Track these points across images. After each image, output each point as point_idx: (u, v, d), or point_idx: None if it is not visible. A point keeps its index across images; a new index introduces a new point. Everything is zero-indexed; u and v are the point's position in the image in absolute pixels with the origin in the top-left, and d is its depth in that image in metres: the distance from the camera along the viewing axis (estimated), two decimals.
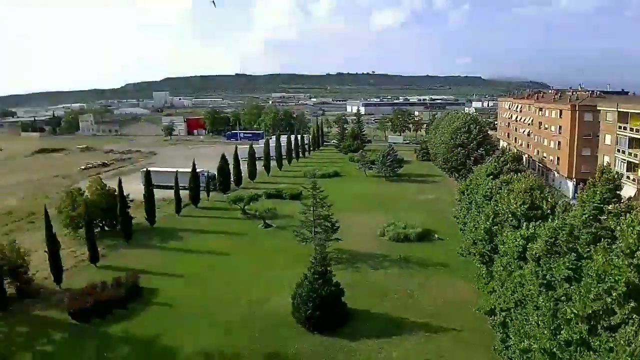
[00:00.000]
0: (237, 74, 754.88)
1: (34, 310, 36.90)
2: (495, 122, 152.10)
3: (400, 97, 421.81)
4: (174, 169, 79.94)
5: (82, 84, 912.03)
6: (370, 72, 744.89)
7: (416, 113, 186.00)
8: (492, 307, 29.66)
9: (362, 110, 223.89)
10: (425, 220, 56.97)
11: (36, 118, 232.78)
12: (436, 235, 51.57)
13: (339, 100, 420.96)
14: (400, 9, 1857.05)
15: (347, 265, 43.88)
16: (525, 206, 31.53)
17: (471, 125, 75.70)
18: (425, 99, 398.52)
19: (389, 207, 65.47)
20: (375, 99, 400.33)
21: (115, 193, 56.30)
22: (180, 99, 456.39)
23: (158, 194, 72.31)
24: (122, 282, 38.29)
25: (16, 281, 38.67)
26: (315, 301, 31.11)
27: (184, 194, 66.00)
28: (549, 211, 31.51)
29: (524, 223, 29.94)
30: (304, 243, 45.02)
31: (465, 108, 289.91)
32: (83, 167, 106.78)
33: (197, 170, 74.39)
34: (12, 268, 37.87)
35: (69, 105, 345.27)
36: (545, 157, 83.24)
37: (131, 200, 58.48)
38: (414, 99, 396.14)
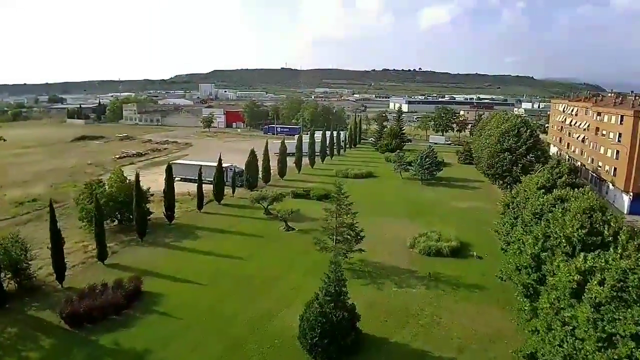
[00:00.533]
0: (282, 68, 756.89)
1: (30, 309, 34.85)
2: (546, 125, 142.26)
3: (446, 96, 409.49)
4: (200, 163, 78.34)
5: (134, 74, 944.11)
6: (417, 69, 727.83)
7: (461, 112, 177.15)
8: (533, 351, 24.49)
9: (405, 107, 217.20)
10: (462, 232, 51.44)
11: (83, 105, 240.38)
12: (474, 253, 45.90)
13: (382, 97, 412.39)
14: (451, 5, 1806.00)
15: (368, 280, 39.42)
16: (584, 231, 26.14)
17: (521, 128, 68.84)
18: (473, 98, 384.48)
19: (423, 215, 60.28)
20: (419, 97, 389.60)
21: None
22: (225, 91, 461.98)
23: (184, 187, 71.03)
24: (122, 285, 35.64)
25: (17, 277, 36.87)
26: (325, 327, 26.97)
27: (209, 189, 63.65)
28: (610, 238, 26.00)
29: (580, 252, 24.65)
30: (323, 252, 40.87)
31: (515, 109, 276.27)
32: (118, 156, 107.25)
33: (224, 165, 71.92)
34: (13, 263, 36.03)
35: (119, 94, 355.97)
36: (600, 167, 75.14)
37: (151, 195, 56.61)
38: (460, 97, 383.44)
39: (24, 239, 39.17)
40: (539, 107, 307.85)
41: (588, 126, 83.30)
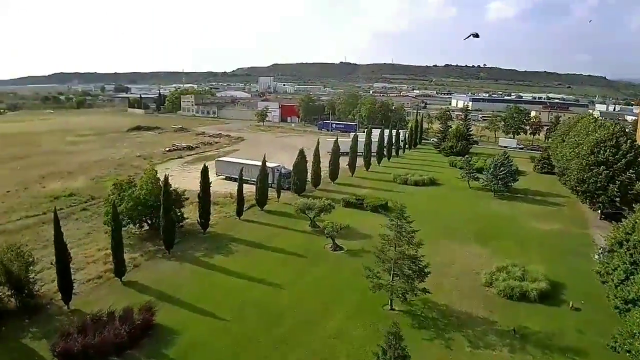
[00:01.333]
0: (341, 62, 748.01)
1: (26, 336, 29.56)
2: (632, 132, 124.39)
3: (512, 94, 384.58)
4: (246, 161, 72.42)
5: (199, 67, 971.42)
6: (481, 65, 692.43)
7: (532, 113, 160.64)
8: None
9: (469, 105, 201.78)
10: (550, 266, 41.34)
11: (146, 95, 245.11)
12: (570, 303, 35.70)
13: (444, 94, 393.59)
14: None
15: (434, 333, 30.80)
16: None
17: (620, 138, 56.64)
18: (541, 97, 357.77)
19: (497, 238, 50.33)
20: (483, 94, 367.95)
21: (171, 188, 49.27)
22: (284, 84, 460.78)
23: (228, 187, 65.45)
24: (131, 316, 29.52)
25: (18, 294, 31.86)
26: None
27: (255, 190, 57.34)
28: None
29: None
30: (376, 291, 32.72)
31: (589, 110, 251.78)
32: (168, 149, 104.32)
33: (270, 165, 65.48)
34: (13, 280, 31.00)
35: (181, 85, 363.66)
36: None
37: (186, 199, 51.01)
38: (527, 96, 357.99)
39: (29, 250, 34.20)
40: (614, 109, 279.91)
41: None
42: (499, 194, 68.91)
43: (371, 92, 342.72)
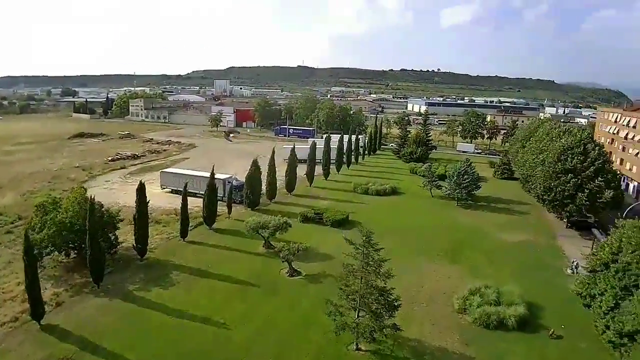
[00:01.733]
0: (299, 66, 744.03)
1: None
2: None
3: (466, 98, 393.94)
4: (193, 172, 66.49)
5: (152, 69, 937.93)
6: (436, 70, 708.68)
7: (488, 117, 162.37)
8: None
9: (426, 109, 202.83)
10: (523, 284, 38.34)
11: (95, 99, 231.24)
12: (551, 330, 32.21)
13: (400, 98, 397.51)
14: (473, 5, 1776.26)
15: None
16: None
17: (588, 145, 55.27)
18: (493, 101, 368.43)
19: (466, 252, 47.28)
20: (438, 98, 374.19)
21: (103, 208, 42.88)
22: (241, 88, 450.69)
23: (173, 202, 59.19)
24: None
25: None
26: None
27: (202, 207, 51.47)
28: None
29: None
30: (339, 333, 28.08)
31: (540, 114, 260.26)
32: (110, 158, 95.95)
33: (221, 176, 60.08)
34: None
35: (132, 88, 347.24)
36: None
37: (121, 220, 44.65)
38: (480, 100, 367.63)
39: None
40: (564, 112, 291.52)
41: None
42: (462, 202, 66.40)
43: (329, 95, 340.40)
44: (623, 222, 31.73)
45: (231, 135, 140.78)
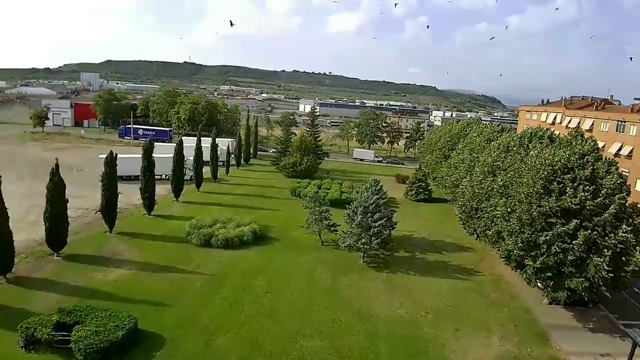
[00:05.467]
0: (186, 62, 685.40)
1: None
2: None
3: (357, 101, 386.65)
4: None
5: (18, 62, 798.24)
6: (327, 73, 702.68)
7: (388, 119, 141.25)
8: None
9: (312, 107, 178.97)
10: None
11: None
12: None
13: (292, 98, 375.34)
14: (357, 14, 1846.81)
15: None
16: None
17: (598, 165, 30.07)
18: (382, 104, 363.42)
19: None
20: (330, 100, 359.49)
21: None
22: (117, 83, 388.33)
23: None
24: None
25: None
26: None
27: None
28: None
29: None
30: None
31: (431, 117, 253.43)
32: None
33: None
34: None
35: None
36: None
37: None
38: (370, 103, 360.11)
39: None
40: (451, 115, 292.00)
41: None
42: (371, 257, 38.67)
43: (216, 94, 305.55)
44: None
45: None
